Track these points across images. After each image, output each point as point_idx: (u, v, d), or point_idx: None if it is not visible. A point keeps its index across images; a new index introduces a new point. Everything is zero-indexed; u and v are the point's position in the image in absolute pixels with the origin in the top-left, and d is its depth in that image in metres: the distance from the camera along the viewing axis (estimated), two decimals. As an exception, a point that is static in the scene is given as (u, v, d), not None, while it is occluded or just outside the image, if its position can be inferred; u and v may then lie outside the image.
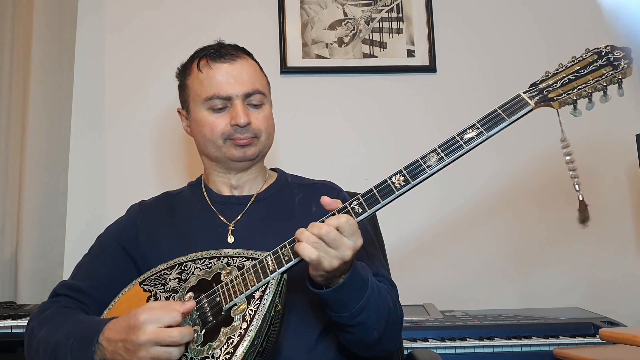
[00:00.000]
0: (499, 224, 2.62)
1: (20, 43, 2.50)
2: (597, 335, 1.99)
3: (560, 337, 2.10)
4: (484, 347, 2.06)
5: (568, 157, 1.21)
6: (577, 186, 1.21)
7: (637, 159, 2.30)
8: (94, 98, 2.61)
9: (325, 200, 1.28)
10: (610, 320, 2.20)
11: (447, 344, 2.07)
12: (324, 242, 1.20)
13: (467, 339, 2.09)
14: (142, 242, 1.56)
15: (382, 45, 2.67)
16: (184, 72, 1.64)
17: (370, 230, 1.66)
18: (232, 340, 1.23)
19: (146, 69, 2.63)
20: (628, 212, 2.64)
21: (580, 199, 1.23)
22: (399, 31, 2.68)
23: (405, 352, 1.78)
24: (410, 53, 2.67)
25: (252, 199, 1.60)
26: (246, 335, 1.22)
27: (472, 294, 2.55)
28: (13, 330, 1.96)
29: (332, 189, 1.64)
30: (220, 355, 1.22)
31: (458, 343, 2.07)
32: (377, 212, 1.28)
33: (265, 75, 1.65)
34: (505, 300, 2.55)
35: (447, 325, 2.19)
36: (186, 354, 1.26)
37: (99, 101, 2.61)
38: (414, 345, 2.07)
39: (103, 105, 2.61)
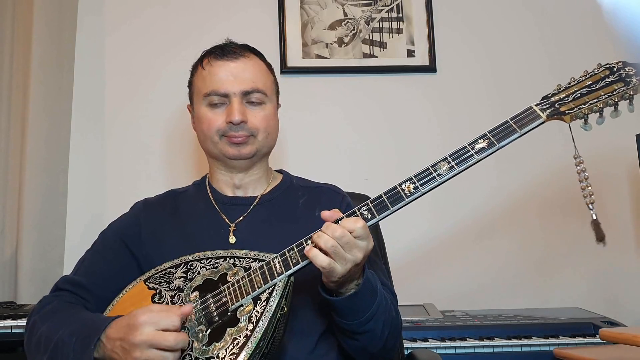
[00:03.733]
0: (499, 226, 2.62)
1: (20, 43, 2.50)
2: (597, 335, 1.99)
3: (560, 337, 2.10)
4: (484, 347, 2.06)
5: (582, 174, 1.22)
6: (590, 205, 1.24)
7: (637, 159, 2.30)
8: (94, 98, 2.60)
9: (326, 214, 1.29)
10: (610, 320, 2.21)
11: (447, 344, 2.07)
12: (340, 246, 1.22)
13: (467, 339, 2.10)
14: (144, 239, 1.56)
15: (382, 45, 2.67)
16: (192, 70, 1.66)
17: (372, 234, 1.66)
18: (238, 341, 1.23)
19: (146, 69, 2.63)
20: (628, 212, 2.65)
21: (594, 217, 1.27)
22: (399, 31, 2.69)
23: (406, 352, 1.79)
24: (410, 53, 2.68)
25: (256, 201, 1.60)
26: (252, 337, 1.22)
27: (472, 294, 2.55)
28: (13, 330, 1.95)
29: (336, 194, 1.65)
30: (225, 355, 1.23)
31: (458, 343, 2.07)
32: (380, 217, 1.29)
33: (272, 75, 1.66)
34: (505, 300, 2.55)
35: (447, 325, 2.19)
36: (190, 353, 1.26)
37: (99, 101, 2.61)
38: (414, 345, 2.07)
39: (103, 105, 2.61)
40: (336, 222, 1.26)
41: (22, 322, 1.95)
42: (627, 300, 2.53)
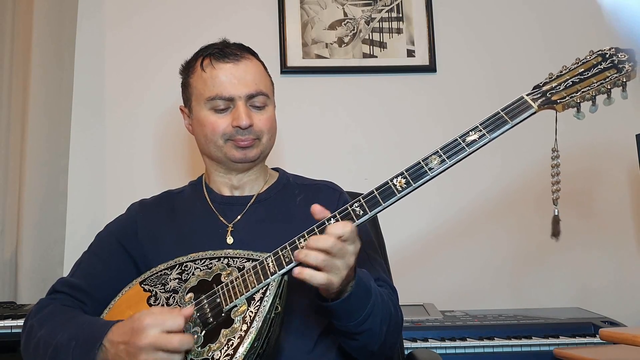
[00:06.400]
0: (499, 224, 2.62)
1: (20, 43, 2.50)
2: (597, 335, 1.99)
3: (560, 337, 2.10)
4: (484, 347, 2.06)
5: (554, 170, 1.20)
6: (555, 200, 1.21)
7: (637, 159, 2.30)
8: (94, 97, 2.61)
9: (316, 208, 1.28)
10: (610, 320, 2.20)
11: (447, 344, 2.07)
12: (332, 257, 1.20)
13: (467, 339, 2.10)
14: (141, 241, 1.55)
15: (382, 45, 2.67)
16: (187, 70, 1.63)
17: (371, 231, 1.66)
18: (232, 342, 1.23)
19: (146, 68, 2.63)
20: (628, 212, 2.64)
21: (555, 213, 1.24)
22: (399, 31, 2.68)
23: (406, 352, 1.78)
24: (410, 53, 2.67)
25: (252, 200, 1.59)
26: (246, 337, 1.22)
27: (472, 294, 2.55)
28: (13, 330, 1.96)
29: (333, 190, 1.63)
30: (220, 356, 1.22)
31: (458, 343, 2.07)
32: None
33: (269, 75, 1.64)
34: (505, 300, 2.55)
35: (447, 325, 2.19)
36: (186, 354, 1.26)
37: (99, 101, 2.61)
38: (414, 345, 2.07)
39: (103, 104, 2.61)
40: (320, 225, 1.25)
41: (22, 322, 1.95)
42: (626, 300, 2.53)
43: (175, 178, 2.52)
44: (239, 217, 1.56)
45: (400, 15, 2.69)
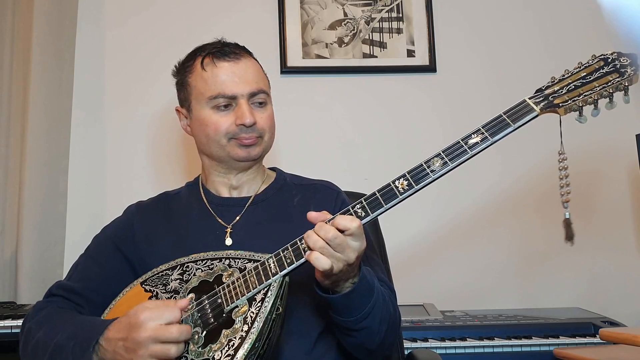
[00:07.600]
0: (500, 225, 2.62)
1: (20, 43, 2.50)
2: (597, 335, 2.00)
3: (560, 337, 2.10)
4: (484, 347, 2.06)
5: (563, 172, 1.20)
6: (565, 204, 1.21)
7: (637, 159, 2.30)
8: (94, 97, 2.61)
9: (312, 215, 1.28)
10: (610, 320, 2.20)
11: (447, 344, 2.07)
12: (331, 247, 1.21)
13: (467, 339, 2.10)
14: (138, 243, 1.55)
15: (382, 45, 2.67)
16: (183, 70, 1.62)
17: (371, 233, 1.65)
18: (233, 343, 1.23)
19: (146, 68, 2.63)
20: (628, 212, 2.64)
21: (567, 216, 1.23)
22: (399, 31, 2.68)
23: (406, 352, 1.78)
24: (410, 53, 2.67)
25: (250, 201, 1.59)
26: (247, 338, 1.22)
27: (472, 294, 2.55)
28: (13, 330, 1.96)
29: (331, 190, 1.63)
30: (220, 357, 1.22)
31: (458, 343, 2.07)
32: (378, 214, 1.28)
33: (265, 74, 1.64)
34: (505, 300, 2.55)
35: (447, 325, 2.19)
36: (186, 355, 1.26)
37: (99, 101, 2.61)
38: (414, 345, 2.07)
39: (103, 104, 2.61)
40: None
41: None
42: (627, 300, 2.53)
43: (175, 178, 2.52)
44: (237, 218, 1.56)
45: (400, 15, 2.69)
